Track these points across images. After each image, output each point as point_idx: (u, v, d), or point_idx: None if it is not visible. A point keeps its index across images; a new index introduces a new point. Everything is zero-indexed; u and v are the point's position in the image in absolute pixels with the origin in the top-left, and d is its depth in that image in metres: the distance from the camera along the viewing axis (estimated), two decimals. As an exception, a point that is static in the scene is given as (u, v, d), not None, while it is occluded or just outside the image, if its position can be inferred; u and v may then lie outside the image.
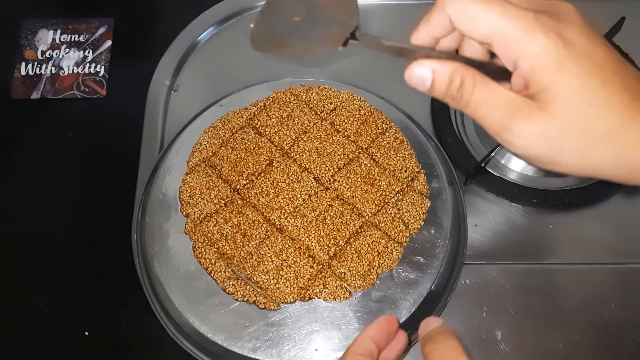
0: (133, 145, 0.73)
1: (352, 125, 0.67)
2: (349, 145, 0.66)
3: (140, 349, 0.65)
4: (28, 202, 0.72)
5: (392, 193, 0.64)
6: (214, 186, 0.65)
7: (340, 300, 0.60)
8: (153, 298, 0.63)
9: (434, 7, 0.36)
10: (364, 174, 0.64)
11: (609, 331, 0.63)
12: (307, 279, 0.60)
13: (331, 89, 0.70)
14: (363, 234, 0.62)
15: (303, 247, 0.61)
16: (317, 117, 0.68)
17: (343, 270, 0.60)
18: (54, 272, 0.68)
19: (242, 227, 0.62)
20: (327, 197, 0.63)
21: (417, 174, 0.65)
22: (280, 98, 0.69)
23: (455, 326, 0.64)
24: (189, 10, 0.82)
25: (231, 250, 0.62)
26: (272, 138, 0.67)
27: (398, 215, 0.63)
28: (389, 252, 0.61)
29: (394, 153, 0.66)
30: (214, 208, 0.64)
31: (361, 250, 0.61)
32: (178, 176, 0.66)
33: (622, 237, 0.68)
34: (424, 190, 0.64)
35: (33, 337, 0.66)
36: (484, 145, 0.72)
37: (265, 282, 0.60)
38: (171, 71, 0.78)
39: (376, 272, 0.60)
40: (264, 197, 0.64)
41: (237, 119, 0.69)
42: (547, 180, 0.70)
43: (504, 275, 0.66)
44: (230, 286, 0.60)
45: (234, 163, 0.66)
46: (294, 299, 0.59)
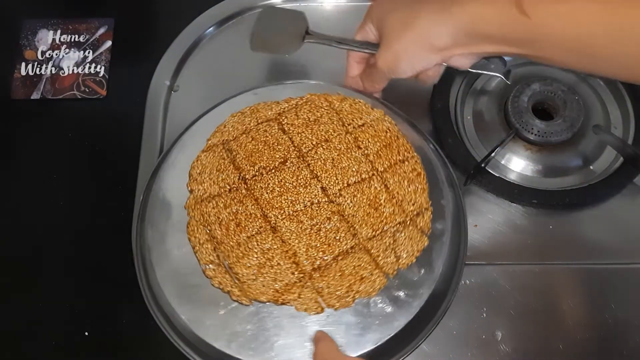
0: (133, 145, 0.73)
1: (374, 145, 0.65)
2: (365, 164, 0.64)
3: (140, 349, 0.65)
4: (28, 202, 0.72)
5: (393, 222, 0.62)
6: (224, 170, 0.65)
7: (310, 313, 0.59)
8: (150, 300, 0.63)
9: (363, 23, 0.62)
10: (371, 196, 0.63)
11: (609, 331, 0.63)
12: (285, 284, 0.59)
13: (365, 105, 0.68)
14: (352, 255, 0.60)
15: (290, 252, 0.61)
16: (343, 128, 0.66)
17: (322, 285, 0.59)
18: (54, 272, 0.68)
19: (239, 217, 0.62)
20: (328, 209, 0.62)
21: (424, 211, 0.63)
22: (313, 101, 0.68)
23: (455, 326, 0.64)
24: (189, 10, 0.82)
25: (222, 236, 0.62)
26: (294, 138, 0.66)
27: (392, 246, 0.61)
28: (373, 279, 0.59)
29: (407, 184, 0.63)
30: (218, 191, 0.64)
31: (345, 271, 0.60)
32: (178, 175, 0.66)
33: (622, 237, 0.68)
34: (426, 228, 0.62)
35: (33, 337, 0.66)
36: (484, 146, 0.72)
37: (244, 275, 0.60)
38: (171, 71, 0.78)
39: (354, 296, 0.59)
40: (268, 193, 0.63)
41: (265, 111, 0.68)
42: (547, 180, 0.70)
43: (504, 276, 0.66)
44: (211, 270, 0.61)
45: (250, 152, 0.65)
46: (266, 300, 0.59)
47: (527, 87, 0.71)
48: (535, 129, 0.70)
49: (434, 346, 0.63)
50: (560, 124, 0.70)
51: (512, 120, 0.71)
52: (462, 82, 0.76)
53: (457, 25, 0.55)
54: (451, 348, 0.63)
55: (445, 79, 0.74)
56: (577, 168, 0.71)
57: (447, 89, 0.74)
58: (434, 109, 0.73)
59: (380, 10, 0.60)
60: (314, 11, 0.82)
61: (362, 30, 0.63)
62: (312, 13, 0.81)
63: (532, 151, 0.71)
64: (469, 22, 0.54)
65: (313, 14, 0.81)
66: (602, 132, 0.70)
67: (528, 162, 0.71)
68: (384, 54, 0.60)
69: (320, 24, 0.72)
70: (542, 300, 0.65)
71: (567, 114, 0.70)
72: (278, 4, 0.82)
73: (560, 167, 0.71)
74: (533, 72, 0.76)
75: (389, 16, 0.59)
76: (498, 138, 0.71)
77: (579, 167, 0.71)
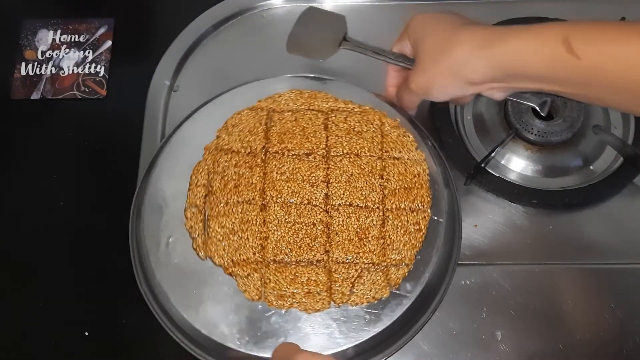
0: (133, 145, 0.73)
1: (396, 183, 0.64)
2: (376, 195, 0.63)
3: (140, 349, 0.65)
4: (28, 202, 0.72)
5: (368, 260, 0.61)
6: (255, 134, 0.65)
7: (247, 296, 0.59)
8: (152, 301, 0.63)
9: (401, 37, 0.62)
10: (363, 226, 0.62)
11: (609, 331, 0.63)
12: (243, 259, 0.60)
13: (412, 141, 0.66)
14: (313, 268, 0.60)
15: (264, 235, 0.61)
16: (378, 152, 0.65)
17: (271, 278, 0.60)
18: (54, 272, 0.68)
19: (240, 180, 0.63)
20: (319, 216, 0.62)
21: (403, 266, 0.61)
22: (368, 114, 0.67)
23: (455, 326, 0.64)
24: (189, 10, 0.82)
25: (217, 188, 0.63)
26: (330, 138, 0.66)
27: (353, 280, 0.60)
28: (317, 299, 0.59)
29: (403, 233, 0.62)
30: (238, 148, 0.65)
31: (298, 277, 0.60)
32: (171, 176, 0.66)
33: (622, 237, 0.68)
34: (394, 282, 0.60)
35: (33, 337, 0.66)
36: (484, 146, 0.72)
37: (214, 232, 0.61)
38: (171, 71, 0.78)
39: (292, 303, 0.59)
40: (278, 174, 0.64)
41: (321, 101, 0.68)
42: (547, 180, 0.70)
43: (504, 276, 0.66)
44: (191, 212, 0.62)
45: (285, 130, 0.66)
46: (219, 264, 0.60)
47: (527, 87, 0.71)
48: (535, 129, 0.70)
49: (434, 346, 0.63)
50: (560, 124, 0.70)
51: (512, 120, 0.70)
52: (462, 82, 0.76)
53: (497, 62, 0.53)
54: (451, 348, 0.63)
55: (445, 79, 0.74)
56: (577, 168, 0.71)
57: (447, 89, 0.74)
58: (434, 109, 0.73)
59: (419, 29, 0.59)
60: (314, 11, 0.82)
61: (400, 43, 0.62)
62: (312, 13, 0.81)
63: (532, 151, 0.71)
64: (510, 60, 0.52)
65: (313, 14, 0.81)
66: (602, 132, 0.70)
67: (528, 162, 0.71)
68: (417, 77, 0.58)
69: (320, 24, 0.72)
70: (542, 300, 0.65)
71: (567, 114, 0.70)
72: (279, 4, 0.82)
73: (560, 167, 0.71)
74: (533, 72, 0.76)
75: (427, 37, 0.58)
76: (498, 138, 0.71)
77: (579, 167, 0.71)
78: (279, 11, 0.82)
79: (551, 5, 0.78)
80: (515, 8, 0.79)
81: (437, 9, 0.80)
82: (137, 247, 0.64)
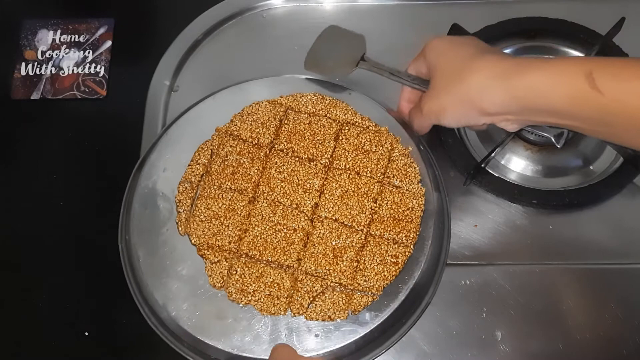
0: (133, 145, 0.73)
1: (387, 210, 0.62)
2: (364, 217, 0.62)
3: (140, 349, 0.65)
4: (28, 202, 0.72)
5: (336, 279, 0.60)
6: (267, 127, 0.66)
7: (210, 282, 0.60)
8: (127, 265, 0.63)
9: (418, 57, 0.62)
10: (342, 244, 0.61)
11: (609, 331, 0.63)
12: (218, 245, 0.61)
13: (416, 174, 0.64)
14: (280, 272, 0.60)
15: (244, 227, 0.62)
16: (379, 176, 0.64)
17: (237, 270, 0.60)
18: (54, 272, 0.68)
19: (239, 168, 0.64)
20: (302, 223, 0.62)
21: (368, 295, 0.59)
22: (382, 135, 0.66)
23: (455, 326, 0.64)
24: (189, 10, 0.82)
25: (214, 171, 0.64)
26: (337, 150, 0.65)
27: (315, 294, 0.59)
28: (274, 303, 0.59)
29: (378, 262, 0.60)
30: (247, 137, 0.66)
31: (264, 277, 0.60)
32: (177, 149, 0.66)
33: (622, 237, 0.68)
34: (354, 308, 0.59)
35: (33, 337, 0.66)
36: (484, 146, 0.72)
37: (198, 212, 0.62)
38: (171, 71, 0.78)
39: (249, 300, 0.59)
40: (275, 171, 0.64)
41: (340, 112, 0.67)
42: (547, 180, 0.70)
43: (504, 276, 0.66)
44: (183, 187, 0.64)
45: (295, 132, 0.66)
46: (194, 243, 0.61)
47: (527, 87, 0.71)
48: (535, 129, 0.70)
49: (434, 346, 0.63)
50: (560, 124, 0.70)
51: (512, 120, 0.70)
52: (462, 82, 0.76)
53: (515, 95, 0.51)
54: (451, 348, 0.63)
55: (445, 79, 0.74)
56: (577, 168, 0.71)
57: (447, 89, 0.74)
58: (434, 109, 0.73)
59: (436, 53, 0.58)
60: (314, 11, 0.82)
61: (416, 62, 0.61)
62: (312, 13, 0.82)
63: (532, 151, 0.71)
64: (528, 93, 0.51)
65: (313, 14, 0.81)
66: (602, 132, 0.70)
67: (528, 162, 0.71)
68: (430, 102, 0.57)
69: (320, 24, 0.72)
70: (542, 300, 0.65)
71: (567, 114, 0.70)
72: (279, 4, 0.82)
73: (560, 167, 0.71)
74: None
75: (443, 62, 0.57)
76: (498, 138, 0.71)
77: (579, 167, 0.71)
78: (279, 11, 0.82)
79: (551, 5, 0.78)
80: (515, 8, 0.78)
81: (437, 9, 0.81)
82: (126, 209, 0.65)
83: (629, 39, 0.74)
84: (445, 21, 0.74)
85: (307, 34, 0.74)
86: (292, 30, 0.80)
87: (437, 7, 0.81)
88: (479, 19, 0.77)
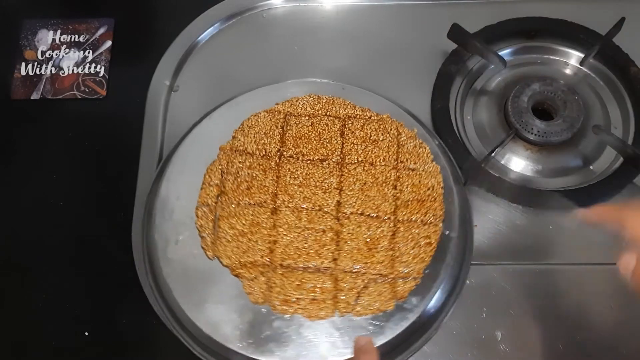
0: (133, 145, 0.73)
1: (409, 194, 0.63)
2: (389, 205, 0.63)
3: (140, 349, 0.65)
4: (28, 202, 0.72)
5: (375, 270, 0.60)
6: (271, 137, 0.66)
7: (251, 299, 0.59)
8: (158, 297, 0.63)
9: None
10: (373, 236, 0.61)
11: (609, 331, 0.63)
12: (250, 262, 0.60)
13: (428, 153, 0.66)
14: (320, 275, 0.60)
15: (273, 238, 0.61)
16: (393, 162, 0.65)
17: (277, 282, 0.60)
18: (54, 272, 0.68)
19: (253, 182, 0.64)
20: (329, 223, 0.62)
21: (411, 280, 0.60)
22: (385, 122, 0.67)
23: (455, 326, 0.64)
24: (189, 10, 0.82)
25: (229, 189, 0.63)
26: (346, 145, 0.66)
27: (359, 290, 0.59)
28: (321, 307, 0.59)
29: (413, 245, 0.62)
30: (253, 150, 0.66)
31: (305, 284, 0.60)
32: (185, 175, 0.66)
33: (622, 237, 0.68)
34: (400, 295, 0.60)
35: (33, 337, 0.66)
36: (484, 146, 0.72)
37: (223, 233, 0.61)
38: (171, 71, 0.78)
39: (296, 309, 0.59)
40: (291, 178, 0.64)
41: (339, 108, 0.68)
42: (547, 180, 0.70)
43: (504, 276, 0.66)
44: (202, 211, 0.63)
45: (301, 135, 0.66)
46: (226, 264, 0.60)
47: (527, 87, 0.71)
48: (535, 129, 0.70)
49: (434, 346, 0.63)
50: (560, 124, 0.70)
51: (512, 120, 0.70)
52: (462, 82, 0.76)
53: None
54: (451, 348, 0.63)
55: (445, 78, 0.74)
56: (577, 168, 0.71)
57: (447, 89, 0.74)
58: (434, 109, 0.73)
59: None
60: (314, 11, 0.82)
61: None
62: (312, 13, 0.81)
63: (532, 151, 0.71)
64: None
65: (313, 14, 0.81)
66: (602, 132, 0.70)
67: (528, 162, 0.71)
68: None
69: (320, 24, 0.72)
70: (542, 300, 0.65)
71: (567, 114, 0.70)
72: (279, 4, 0.82)
73: (560, 167, 0.71)
74: (533, 72, 0.76)
75: None
76: (498, 138, 0.71)
77: (579, 167, 0.71)
78: (279, 11, 0.82)
79: (551, 5, 0.78)
80: (515, 8, 0.79)
81: (437, 9, 0.81)
82: (147, 244, 0.64)
83: (629, 39, 0.74)
84: (445, 21, 0.74)
85: (307, 34, 0.75)
86: (292, 30, 0.80)
87: (437, 7, 0.81)
88: (479, 19, 0.77)
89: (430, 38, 0.78)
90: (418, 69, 0.76)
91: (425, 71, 0.76)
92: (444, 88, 0.74)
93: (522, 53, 0.78)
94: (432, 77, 0.75)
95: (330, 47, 0.79)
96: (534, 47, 0.78)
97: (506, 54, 0.77)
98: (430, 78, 0.75)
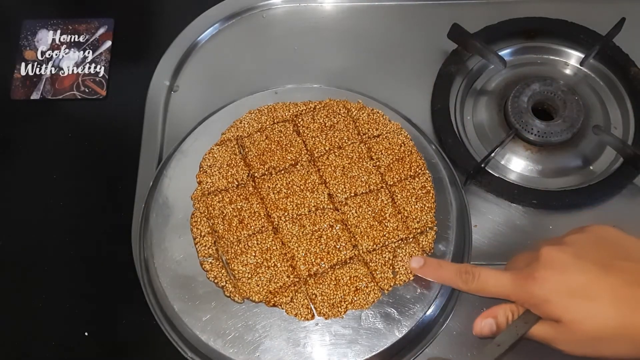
0: (133, 145, 0.73)
1: (387, 158, 0.65)
2: (375, 176, 0.64)
3: (140, 350, 0.65)
4: (28, 202, 0.72)
5: (395, 238, 0.61)
6: (235, 165, 0.65)
7: (300, 319, 0.58)
8: (152, 300, 0.63)
9: None
10: (377, 209, 0.62)
11: (609, 331, 0.63)
12: (279, 286, 0.59)
13: (383, 116, 0.68)
14: (349, 266, 0.60)
15: (289, 255, 0.61)
16: (357, 137, 0.66)
17: (315, 292, 0.59)
18: (54, 272, 0.68)
19: (242, 214, 0.63)
20: (332, 216, 0.62)
21: (429, 230, 0.62)
22: (331, 106, 0.68)
23: (455, 326, 0.64)
24: (189, 10, 0.82)
25: (223, 231, 0.62)
26: (307, 141, 0.66)
27: (392, 261, 0.61)
28: (367, 292, 0.59)
29: (415, 200, 0.63)
30: (225, 185, 0.65)
31: (341, 280, 0.59)
32: (184, 177, 0.66)
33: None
34: (428, 247, 0.62)
35: (33, 337, 0.66)
36: (484, 146, 0.72)
37: (240, 272, 0.60)
38: (171, 71, 0.78)
39: (347, 306, 0.59)
40: (275, 194, 0.63)
41: (282, 111, 0.69)
42: (547, 180, 0.70)
43: (504, 276, 0.66)
44: (208, 263, 0.61)
45: (262, 151, 0.66)
46: (259, 300, 0.59)
47: (527, 87, 0.71)
48: (535, 129, 0.70)
49: (433, 346, 0.63)
50: (560, 124, 0.70)
51: (512, 120, 0.70)
52: (462, 82, 0.76)
53: None
54: (451, 348, 0.63)
55: (445, 78, 0.74)
56: (577, 168, 0.71)
57: (447, 89, 0.74)
58: (434, 109, 0.73)
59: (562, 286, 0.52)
60: (314, 11, 0.82)
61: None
62: (312, 13, 0.81)
63: (532, 151, 0.71)
64: None
65: (313, 14, 0.81)
66: (602, 132, 0.70)
67: (528, 162, 0.71)
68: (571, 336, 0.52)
69: (320, 24, 0.72)
70: (542, 301, 0.64)
71: (567, 114, 0.70)
72: (279, 4, 0.82)
73: (560, 167, 0.71)
74: (533, 72, 0.76)
75: None
76: (498, 138, 0.71)
77: (579, 168, 0.71)
78: (279, 11, 0.82)
79: (551, 5, 0.78)
80: (515, 8, 0.79)
81: (437, 9, 0.81)
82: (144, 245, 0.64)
83: (629, 39, 0.74)
84: (445, 21, 0.74)
85: (307, 34, 0.75)
86: (292, 30, 0.80)
87: (437, 7, 0.81)
88: (479, 19, 0.77)
89: (430, 38, 0.78)
90: (418, 69, 0.76)
91: (425, 71, 0.76)
92: (444, 88, 0.74)
93: (522, 53, 0.78)
94: (432, 77, 0.75)
95: (330, 47, 0.79)
96: (534, 47, 0.78)
97: (506, 54, 0.77)
98: (430, 78, 0.75)
